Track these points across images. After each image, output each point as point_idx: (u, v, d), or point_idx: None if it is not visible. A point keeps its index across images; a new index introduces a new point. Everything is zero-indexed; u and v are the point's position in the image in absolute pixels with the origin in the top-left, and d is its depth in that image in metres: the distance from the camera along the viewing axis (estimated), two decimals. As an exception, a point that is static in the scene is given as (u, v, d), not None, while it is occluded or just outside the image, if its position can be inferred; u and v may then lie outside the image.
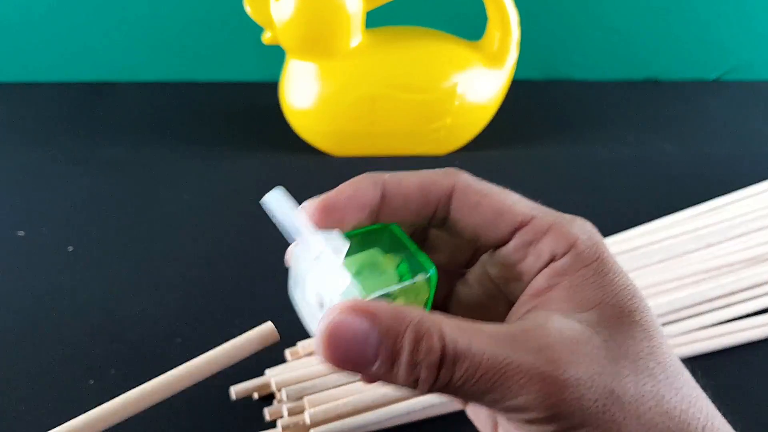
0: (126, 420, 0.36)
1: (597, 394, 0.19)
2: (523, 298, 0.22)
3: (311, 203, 0.22)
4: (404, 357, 0.19)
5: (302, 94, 0.56)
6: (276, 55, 0.58)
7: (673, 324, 0.41)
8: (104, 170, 0.58)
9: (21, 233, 0.50)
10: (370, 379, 0.19)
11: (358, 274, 0.22)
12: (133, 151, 0.61)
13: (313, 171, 0.58)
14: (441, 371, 0.19)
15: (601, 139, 0.64)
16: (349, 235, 0.22)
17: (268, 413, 0.36)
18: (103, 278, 0.46)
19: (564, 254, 0.21)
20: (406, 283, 0.21)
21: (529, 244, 0.22)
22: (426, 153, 0.60)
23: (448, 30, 0.59)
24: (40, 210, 0.53)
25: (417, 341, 0.19)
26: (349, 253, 0.21)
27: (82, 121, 0.66)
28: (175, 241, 0.50)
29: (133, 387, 0.38)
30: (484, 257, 0.24)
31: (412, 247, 0.22)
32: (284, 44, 0.55)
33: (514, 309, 0.22)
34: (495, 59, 0.57)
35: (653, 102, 0.71)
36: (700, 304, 0.42)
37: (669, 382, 0.20)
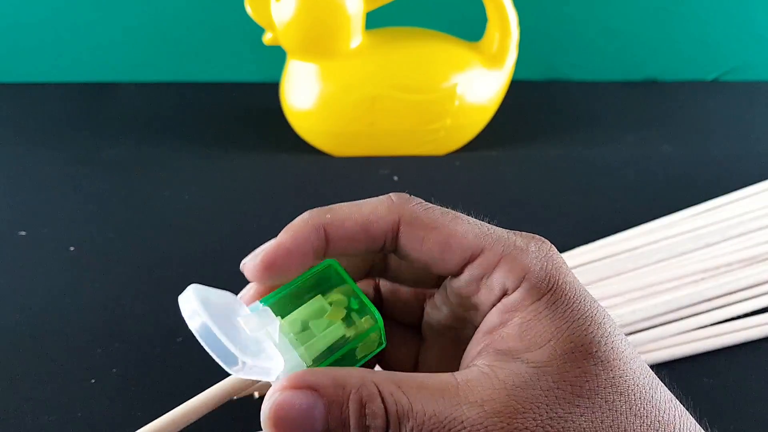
0: (124, 419, 0.36)
1: None
2: (477, 336, 0.22)
3: (252, 261, 0.21)
4: (352, 425, 0.19)
5: (303, 95, 0.57)
6: (276, 56, 0.59)
7: (671, 324, 0.41)
8: (105, 170, 0.58)
9: (22, 233, 0.50)
10: None
11: (304, 329, 0.21)
12: (134, 151, 0.61)
13: (313, 171, 0.58)
14: None
15: (601, 140, 0.64)
16: (295, 285, 0.22)
17: (268, 412, 0.36)
18: (104, 278, 0.46)
19: (515, 288, 0.21)
20: (352, 339, 0.22)
21: (480, 278, 0.21)
22: (426, 153, 0.60)
23: (448, 31, 0.59)
24: (42, 210, 0.53)
25: (361, 407, 0.19)
26: (294, 303, 0.22)
27: (84, 122, 0.66)
28: (175, 241, 0.50)
29: (134, 386, 0.38)
30: (447, 281, 0.24)
31: (355, 287, 0.22)
32: (285, 45, 0.55)
33: (468, 347, 0.22)
34: (494, 60, 0.57)
35: (652, 102, 0.71)
36: (698, 303, 0.42)
37: (633, 412, 0.19)
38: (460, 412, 0.18)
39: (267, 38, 0.55)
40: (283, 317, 0.21)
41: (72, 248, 0.49)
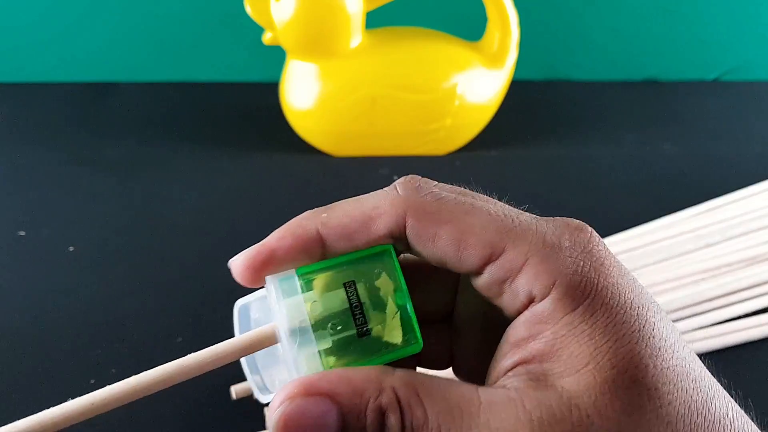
0: (125, 419, 0.36)
1: None
2: (504, 346, 0.19)
3: (236, 261, 0.20)
4: None
5: (302, 95, 0.56)
6: (276, 56, 0.58)
7: (672, 324, 0.41)
8: (105, 170, 0.58)
9: (22, 233, 0.50)
10: None
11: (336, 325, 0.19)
12: (134, 151, 0.61)
13: (313, 171, 0.58)
14: None
15: (601, 139, 0.64)
16: (340, 261, 0.20)
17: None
18: (104, 278, 0.46)
19: (544, 296, 0.18)
20: (386, 357, 0.19)
21: (503, 281, 0.19)
22: (426, 153, 0.60)
23: (448, 30, 0.59)
24: (41, 210, 0.53)
25: (381, 416, 0.17)
26: (330, 288, 0.20)
27: (83, 122, 0.66)
28: (175, 241, 0.50)
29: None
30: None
31: (404, 287, 0.20)
32: (284, 44, 0.55)
33: (496, 355, 0.19)
34: (495, 59, 0.57)
35: (653, 102, 0.71)
36: (699, 303, 0.42)
37: None
38: None
39: (267, 38, 0.55)
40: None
41: (71, 248, 0.49)
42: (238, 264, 0.20)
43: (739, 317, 0.42)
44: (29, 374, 0.39)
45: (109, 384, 0.20)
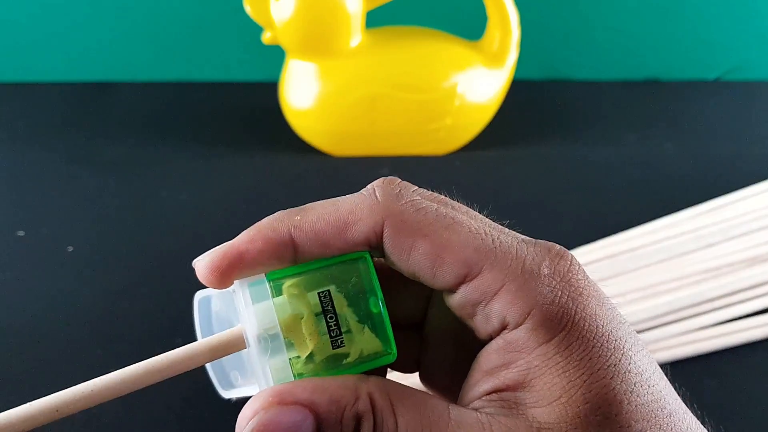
0: (124, 420, 0.36)
1: None
2: (477, 374, 0.19)
3: (202, 261, 0.19)
4: None
5: (302, 94, 0.56)
6: (276, 55, 0.58)
7: (673, 324, 0.41)
8: (104, 170, 0.58)
9: (21, 233, 0.50)
10: None
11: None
12: (133, 151, 0.61)
13: (313, 171, 0.58)
14: None
15: (602, 139, 0.63)
16: (313, 266, 0.19)
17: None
18: (103, 278, 0.46)
19: (519, 324, 0.17)
20: (360, 365, 0.19)
21: (477, 303, 0.18)
22: (426, 153, 0.60)
23: (448, 30, 0.58)
24: (40, 210, 0.53)
25: (357, 424, 0.17)
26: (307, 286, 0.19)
27: (82, 121, 0.66)
28: (175, 241, 0.50)
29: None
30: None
31: (380, 296, 0.19)
32: (284, 44, 0.55)
33: (468, 381, 0.19)
34: (495, 59, 0.57)
35: (654, 102, 0.71)
36: (700, 304, 0.42)
37: None
38: None
39: (266, 37, 0.55)
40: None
41: (70, 248, 0.49)
42: (204, 265, 0.19)
43: (740, 317, 0.42)
44: (28, 374, 0.39)
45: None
